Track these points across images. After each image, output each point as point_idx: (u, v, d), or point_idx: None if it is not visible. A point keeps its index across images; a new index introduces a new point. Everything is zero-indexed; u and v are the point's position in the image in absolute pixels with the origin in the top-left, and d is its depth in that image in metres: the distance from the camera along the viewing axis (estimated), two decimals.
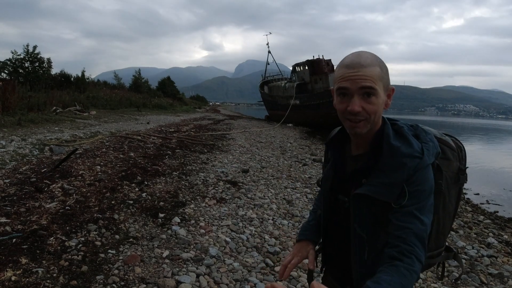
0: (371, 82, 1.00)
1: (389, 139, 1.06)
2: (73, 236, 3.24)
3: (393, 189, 1.02)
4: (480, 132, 41.54)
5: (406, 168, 1.01)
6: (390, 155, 1.04)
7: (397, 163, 1.02)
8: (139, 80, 37.89)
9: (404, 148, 1.03)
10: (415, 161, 1.01)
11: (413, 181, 1.01)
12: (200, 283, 2.75)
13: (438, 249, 1.23)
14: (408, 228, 0.98)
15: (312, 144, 14.11)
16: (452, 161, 1.17)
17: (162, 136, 10.74)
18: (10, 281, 2.43)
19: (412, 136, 1.07)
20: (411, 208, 1.00)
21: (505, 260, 3.90)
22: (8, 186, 4.49)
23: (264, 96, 34.41)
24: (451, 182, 1.17)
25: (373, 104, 1.02)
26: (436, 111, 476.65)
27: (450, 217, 1.22)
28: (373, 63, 1.03)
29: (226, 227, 3.92)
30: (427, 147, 1.05)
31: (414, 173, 1.01)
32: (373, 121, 1.05)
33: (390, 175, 1.03)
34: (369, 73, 1.01)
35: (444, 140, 1.18)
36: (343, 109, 1.05)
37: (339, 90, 1.05)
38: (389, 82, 1.07)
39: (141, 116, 20.21)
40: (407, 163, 1.01)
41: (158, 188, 5.10)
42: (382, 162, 1.05)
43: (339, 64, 1.08)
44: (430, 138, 1.09)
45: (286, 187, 6.08)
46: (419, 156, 1.02)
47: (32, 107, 13.16)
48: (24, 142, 7.58)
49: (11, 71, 19.42)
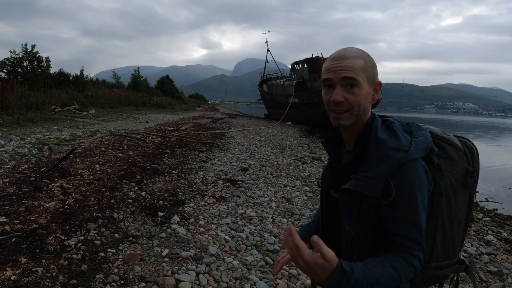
0: (353, 73, 1.01)
1: (377, 132, 1.04)
2: (73, 235, 3.24)
3: (377, 182, 0.99)
4: (479, 130, 41.60)
5: (390, 161, 0.98)
6: (375, 147, 1.02)
7: (382, 155, 1.00)
8: (138, 79, 37.83)
9: (390, 141, 1.01)
10: (399, 154, 0.98)
11: (399, 175, 0.98)
12: (200, 281, 2.75)
13: (447, 260, 1.12)
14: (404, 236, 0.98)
15: (311, 142, 14.11)
16: (457, 161, 1.12)
17: (161, 134, 10.73)
18: (9, 281, 2.43)
19: (402, 131, 1.06)
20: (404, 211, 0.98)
21: (504, 257, 3.91)
22: (7, 185, 4.48)
23: (263, 95, 34.40)
24: (458, 185, 1.11)
25: (356, 95, 1.03)
26: (435, 109, 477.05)
27: (460, 224, 1.13)
28: (357, 56, 1.04)
29: (226, 226, 3.92)
30: (416, 141, 1.02)
31: (399, 166, 0.98)
32: (358, 113, 1.05)
33: (374, 168, 1.00)
34: (351, 64, 1.02)
35: (447, 138, 1.14)
36: (328, 100, 1.06)
37: (324, 82, 1.07)
38: (375, 76, 1.07)
39: (140, 115, 20.19)
40: (391, 156, 0.99)
41: (158, 187, 5.10)
42: (368, 155, 1.03)
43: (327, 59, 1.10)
44: (423, 134, 1.06)
45: (285, 185, 6.08)
46: (405, 149, 0.99)
47: (31, 106, 13.13)
48: (23, 141, 7.57)
49: (9, 70, 19.38)
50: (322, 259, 0.87)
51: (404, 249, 0.97)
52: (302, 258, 0.88)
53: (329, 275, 0.87)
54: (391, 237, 1.00)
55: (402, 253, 0.97)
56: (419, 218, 0.98)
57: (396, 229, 0.99)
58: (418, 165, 1.00)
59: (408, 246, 0.97)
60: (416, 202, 0.98)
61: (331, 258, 0.87)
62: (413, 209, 0.98)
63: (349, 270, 0.89)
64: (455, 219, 1.11)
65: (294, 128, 21.59)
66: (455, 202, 1.10)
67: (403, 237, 0.98)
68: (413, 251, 0.97)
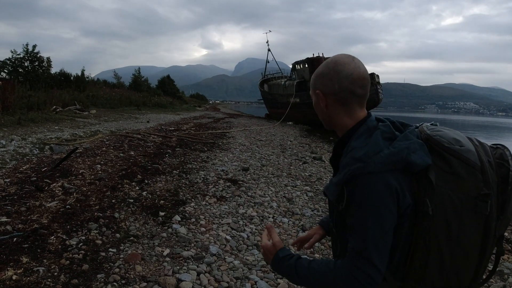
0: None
1: (353, 139, 1.07)
2: (74, 235, 3.25)
3: (335, 188, 1.04)
4: (481, 129, 41.51)
5: (346, 170, 1.00)
6: (345, 154, 1.07)
7: (344, 163, 1.04)
8: (138, 79, 37.86)
9: (356, 150, 1.02)
10: (357, 165, 0.98)
11: (351, 185, 0.98)
12: (201, 281, 2.75)
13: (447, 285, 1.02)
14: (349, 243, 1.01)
15: (312, 142, 14.10)
16: (465, 179, 0.96)
17: (162, 134, 10.74)
18: (11, 280, 2.44)
19: (380, 139, 1.00)
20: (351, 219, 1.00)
21: (505, 257, 3.90)
22: (9, 185, 4.49)
23: (264, 94, 34.37)
24: (464, 208, 0.96)
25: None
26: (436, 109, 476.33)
27: (467, 253, 0.99)
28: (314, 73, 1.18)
29: (227, 225, 3.92)
30: (382, 153, 0.96)
31: (352, 177, 0.98)
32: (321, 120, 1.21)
33: (338, 174, 1.05)
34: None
35: (454, 150, 0.99)
36: None
37: None
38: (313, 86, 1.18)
39: (141, 114, 20.20)
40: (350, 165, 1.00)
41: (159, 186, 5.11)
42: (341, 160, 1.09)
43: None
44: (400, 145, 0.97)
45: (286, 185, 6.08)
46: (364, 160, 0.97)
47: (32, 107, 13.15)
48: (24, 141, 7.58)
49: (10, 70, 19.39)
50: (271, 245, 1.18)
51: (349, 258, 0.99)
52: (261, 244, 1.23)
53: (272, 257, 1.15)
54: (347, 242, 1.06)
55: (347, 261, 0.99)
56: (366, 232, 0.95)
57: (348, 235, 1.03)
58: (374, 179, 0.95)
59: (352, 256, 0.98)
60: (364, 216, 0.96)
61: (276, 243, 1.18)
62: (360, 221, 0.97)
63: (283, 256, 1.13)
64: (459, 246, 0.98)
65: (295, 128, 21.58)
66: (459, 227, 0.96)
67: (349, 245, 1.01)
68: (356, 261, 0.96)
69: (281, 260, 1.13)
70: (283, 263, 1.12)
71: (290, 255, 1.13)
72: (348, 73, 1.07)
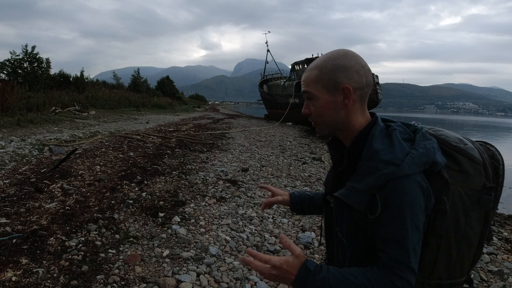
0: (305, 86, 1.06)
1: (372, 141, 0.98)
2: (73, 236, 3.24)
3: (363, 196, 0.94)
4: (480, 129, 41.56)
5: (378, 175, 0.92)
6: (367, 158, 0.97)
7: (371, 167, 0.94)
8: (138, 80, 37.85)
9: (383, 153, 0.95)
10: (389, 168, 0.91)
11: (386, 191, 0.92)
12: (201, 282, 2.75)
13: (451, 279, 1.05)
14: (388, 254, 0.92)
15: (312, 142, 14.10)
16: (472, 176, 1.00)
17: (162, 135, 10.74)
18: (10, 282, 2.43)
19: (401, 140, 0.97)
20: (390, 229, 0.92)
21: (505, 257, 3.90)
22: (8, 186, 4.48)
23: (263, 95, 34.40)
24: (471, 202, 1.00)
25: (314, 106, 1.06)
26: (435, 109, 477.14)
27: (470, 244, 1.04)
28: (314, 66, 1.05)
29: (226, 226, 3.92)
30: (414, 154, 0.94)
31: (387, 182, 0.91)
32: (327, 123, 1.06)
33: (362, 180, 0.95)
34: (304, 78, 1.06)
35: (461, 148, 1.03)
36: None
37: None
38: (334, 82, 1.01)
39: (140, 115, 20.20)
40: (380, 169, 0.92)
41: (158, 187, 5.10)
42: (359, 165, 0.98)
43: None
44: (425, 145, 0.96)
45: (286, 185, 6.08)
46: (397, 163, 0.92)
47: (31, 108, 13.14)
48: (23, 142, 7.58)
49: (10, 71, 19.39)
50: (293, 257, 0.92)
51: (387, 267, 0.92)
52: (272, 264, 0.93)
53: (296, 273, 0.91)
54: (378, 253, 0.96)
55: (385, 270, 0.92)
56: (406, 238, 0.91)
57: (381, 245, 0.94)
58: (410, 181, 0.92)
59: (391, 265, 0.92)
60: (403, 221, 0.91)
61: (300, 253, 0.93)
62: (400, 228, 0.91)
63: (314, 269, 0.91)
64: (465, 238, 1.02)
65: (295, 129, 21.58)
66: (466, 220, 1.00)
67: (387, 254, 0.93)
68: (396, 270, 0.91)
69: (312, 275, 0.90)
70: (314, 278, 0.90)
71: (320, 266, 0.93)
72: (368, 66, 1.04)
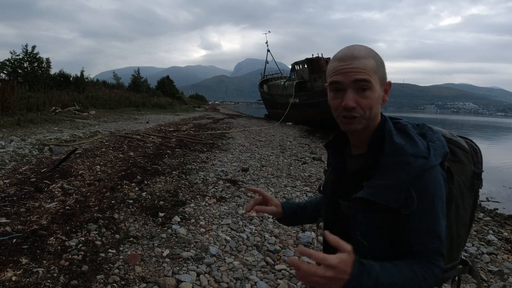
0: (365, 74, 0.94)
1: (392, 137, 0.97)
2: (73, 236, 3.24)
3: (397, 192, 0.93)
4: (480, 129, 41.58)
5: (410, 168, 0.92)
6: (392, 154, 0.95)
7: (400, 162, 0.93)
8: (138, 80, 37.85)
9: (408, 147, 0.95)
10: (420, 161, 0.92)
11: (419, 183, 0.92)
12: (201, 281, 2.75)
13: (452, 262, 1.10)
14: (424, 246, 0.94)
15: (312, 142, 14.10)
16: (466, 164, 1.08)
17: (162, 135, 10.74)
18: (10, 281, 2.43)
19: (417, 135, 0.99)
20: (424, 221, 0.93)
21: (505, 257, 3.90)
22: (8, 186, 4.48)
23: (263, 95, 34.40)
24: (465, 188, 1.07)
25: (368, 98, 0.95)
26: (435, 109, 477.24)
27: (465, 227, 1.11)
28: (367, 55, 0.96)
29: (226, 226, 3.92)
30: (434, 146, 0.96)
31: (420, 174, 0.92)
32: (369, 117, 0.98)
33: (393, 176, 0.93)
34: (362, 65, 0.94)
35: (455, 140, 1.10)
36: (337, 105, 0.98)
37: (332, 85, 0.98)
38: (385, 76, 1.00)
39: (140, 115, 20.20)
40: (411, 163, 0.92)
41: (158, 187, 5.10)
42: (383, 161, 0.96)
43: (332, 58, 1.01)
44: (438, 137, 1.00)
45: (286, 185, 6.08)
46: (425, 155, 0.93)
47: (31, 107, 13.15)
48: (23, 142, 7.58)
49: (10, 71, 19.40)
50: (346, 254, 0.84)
51: (425, 258, 0.94)
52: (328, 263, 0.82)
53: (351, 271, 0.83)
54: (409, 247, 0.96)
55: (423, 260, 0.94)
56: (439, 227, 0.94)
57: (415, 239, 0.94)
58: (437, 172, 0.95)
59: (428, 255, 0.94)
60: (436, 211, 0.94)
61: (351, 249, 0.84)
62: (434, 218, 0.93)
63: (368, 263, 0.86)
64: (462, 221, 1.08)
65: (295, 129, 21.58)
66: (463, 205, 1.07)
67: (423, 246, 0.94)
68: (433, 260, 0.94)
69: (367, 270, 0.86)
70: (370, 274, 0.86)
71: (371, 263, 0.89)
72: None
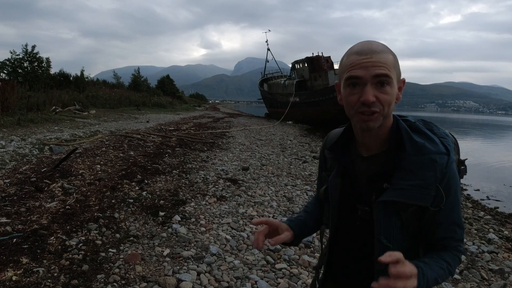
0: (386, 69, 0.90)
1: (410, 135, 0.97)
2: (74, 235, 3.24)
3: (427, 190, 0.93)
4: (480, 128, 41.53)
5: (437, 166, 0.93)
6: (415, 152, 0.95)
7: (426, 161, 0.94)
8: (138, 79, 37.87)
9: (429, 145, 0.96)
10: (444, 158, 0.94)
11: (446, 180, 0.95)
12: (201, 281, 2.75)
13: None
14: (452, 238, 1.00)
15: (312, 141, 14.10)
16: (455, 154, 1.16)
17: (162, 134, 10.74)
18: (11, 281, 2.43)
19: (430, 132, 1.01)
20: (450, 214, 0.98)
21: (506, 256, 3.90)
22: (8, 186, 4.48)
23: (263, 94, 34.39)
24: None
25: (388, 94, 0.92)
26: (436, 107, 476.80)
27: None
28: (386, 50, 0.94)
29: (227, 225, 3.92)
30: (447, 142, 0.99)
31: (446, 171, 0.94)
32: (386, 114, 0.95)
33: (419, 175, 0.94)
34: (383, 59, 0.91)
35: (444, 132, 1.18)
36: (355, 100, 0.93)
37: (350, 79, 0.93)
38: (400, 73, 0.98)
39: (140, 114, 20.19)
40: (437, 161, 0.94)
41: (158, 186, 5.10)
42: (406, 160, 0.95)
43: (347, 52, 0.97)
44: (445, 133, 1.03)
45: (286, 184, 6.08)
46: (446, 152, 0.96)
47: (32, 107, 13.14)
48: (23, 142, 7.58)
49: (10, 71, 19.41)
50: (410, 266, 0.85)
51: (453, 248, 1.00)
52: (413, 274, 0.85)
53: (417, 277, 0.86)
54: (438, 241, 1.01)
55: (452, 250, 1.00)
56: (461, 218, 1.00)
57: (444, 232, 0.99)
58: (455, 167, 0.99)
59: (454, 245, 1.00)
60: (459, 203, 0.99)
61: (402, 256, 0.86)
62: (458, 211, 0.99)
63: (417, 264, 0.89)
64: None
65: (295, 127, 21.57)
66: None
67: (449, 239, 1.00)
68: (459, 247, 1.01)
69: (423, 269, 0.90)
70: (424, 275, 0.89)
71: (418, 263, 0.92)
72: None
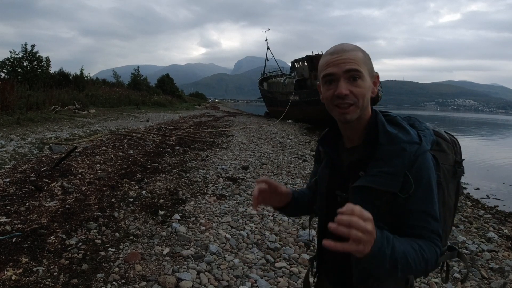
0: (356, 65, 1.01)
1: (385, 127, 1.04)
2: (73, 235, 3.24)
3: (395, 177, 0.99)
4: (480, 126, 41.54)
5: (406, 154, 0.99)
6: (388, 142, 1.02)
7: (396, 149, 1.00)
8: (138, 78, 37.84)
9: (402, 135, 1.03)
10: (414, 147, 1.00)
11: (415, 168, 0.99)
12: (201, 280, 2.75)
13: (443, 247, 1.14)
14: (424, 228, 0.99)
15: (312, 140, 14.10)
16: (448, 153, 1.15)
17: (162, 133, 10.73)
18: (10, 280, 2.43)
19: (407, 124, 1.08)
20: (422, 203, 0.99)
21: (506, 254, 3.90)
22: (8, 185, 4.48)
23: (263, 93, 34.36)
24: (449, 176, 1.14)
25: (360, 87, 1.01)
26: (436, 106, 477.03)
27: (451, 213, 1.17)
28: (356, 48, 1.04)
29: (226, 224, 3.92)
30: (424, 134, 1.05)
31: (415, 159, 0.99)
32: (362, 106, 1.03)
33: (390, 162, 1.00)
34: (352, 56, 1.01)
35: (438, 132, 1.17)
36: (331, 95, 1.03)
37: (325, 77, 1.04)
38: (373, 69, 1.07)
39: (140, 113, 20.18)
40: (406, 149, 0.99)
41: (158, 185, 5.10)
42: (380, 150, 1.02)
43: (323, 55, 1.08)
44: (426, 127, 1.10)
45: (286, 183, 6.07)
46: (418, 142, 1.01)
47: (31, 106, 13.13)
48: (23, 141, 7.57)
49: (9, 70, 19.38)
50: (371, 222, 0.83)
51: (426, 239, 0.99)
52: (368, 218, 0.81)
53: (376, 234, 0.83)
54: (410, 229, 1.00)
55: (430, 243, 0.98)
56: (435, 209, 1.00)
57: (414, 221, 1.00)
58: (429, 156, 1.02)
59: (429, 236, 0.99)
60: (432, 194, 1.00)
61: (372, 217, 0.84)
62: (430, 201, 1.00)
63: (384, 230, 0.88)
64: (448, 208, 1.14)
65: (295, 126, 21.58)
66: (448, 192, 1.14)
67: (422, 228, 0.99)
68: (434, 240, 0.99)
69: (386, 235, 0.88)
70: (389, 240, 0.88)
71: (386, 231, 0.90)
72: None
